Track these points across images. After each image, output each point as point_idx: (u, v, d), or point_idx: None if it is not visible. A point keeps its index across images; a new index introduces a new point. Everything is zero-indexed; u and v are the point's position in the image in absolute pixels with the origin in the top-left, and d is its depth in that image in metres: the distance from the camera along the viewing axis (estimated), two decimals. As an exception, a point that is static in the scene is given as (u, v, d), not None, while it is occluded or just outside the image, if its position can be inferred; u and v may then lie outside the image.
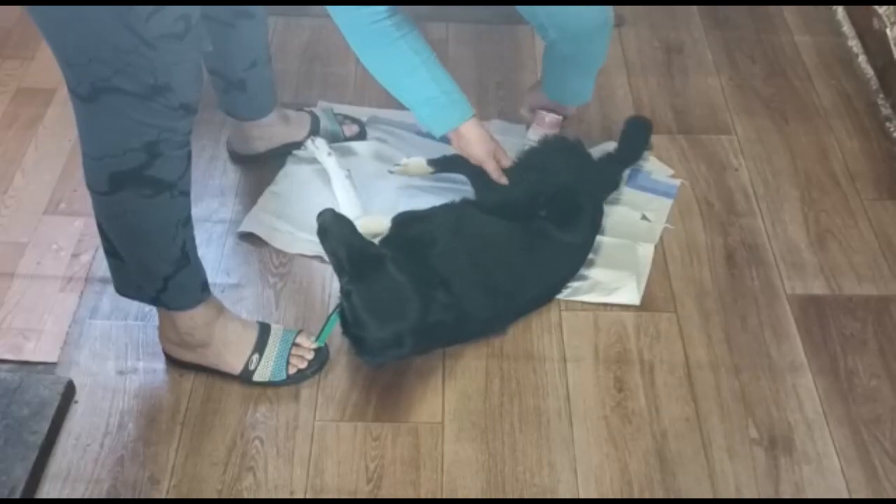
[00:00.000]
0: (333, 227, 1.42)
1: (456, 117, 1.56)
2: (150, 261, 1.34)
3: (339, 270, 1.41)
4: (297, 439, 1.40)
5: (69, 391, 1.43)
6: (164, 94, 1.18)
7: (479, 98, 1.92)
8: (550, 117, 1.72)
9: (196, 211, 1.37)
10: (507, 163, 1.61)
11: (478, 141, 1.57)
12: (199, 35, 1.19)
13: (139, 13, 1.09)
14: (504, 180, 1.59)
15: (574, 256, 1.60)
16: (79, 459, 1.37)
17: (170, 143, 1.23)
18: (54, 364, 1.48)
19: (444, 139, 1.61)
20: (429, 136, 1.77)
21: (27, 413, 1.37)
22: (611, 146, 1.85)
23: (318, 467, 1.37)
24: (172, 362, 1.47)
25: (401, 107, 1.90)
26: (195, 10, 1.16)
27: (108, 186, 1.25)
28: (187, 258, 1.35)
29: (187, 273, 1.36)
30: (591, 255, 1.64)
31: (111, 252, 1.35)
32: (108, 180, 1.25)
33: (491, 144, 1.59)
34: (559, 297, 1.59)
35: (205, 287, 1.40)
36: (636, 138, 1.83)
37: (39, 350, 1.50)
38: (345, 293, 1.38)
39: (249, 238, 1.67)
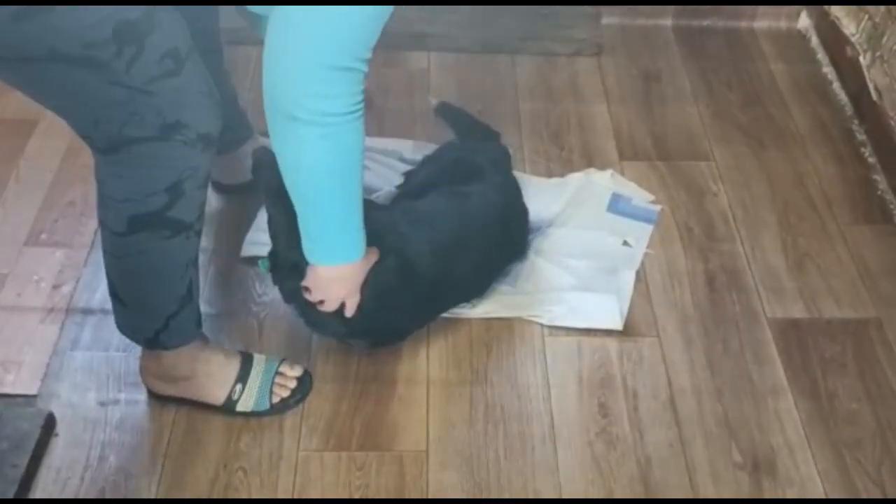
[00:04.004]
0: None
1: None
2: (155, 300, 1.34)
3: None
4: (280, 470, 1.39)
5: (49, 424, 1.41)
6: (179, 131, 1.16)
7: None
8: None
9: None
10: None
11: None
12: (198, 64, 1.16)
13: (116, 68, 1.07)
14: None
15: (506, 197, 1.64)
16: (59, 494, 1.35)
17: (192, 181, 1.22)
18: (35, 396, 1.46)
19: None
20: (414, 162, 1.79)
21: (7, 447, 1.35)
22: (592, 172, 1.87)
23: (303, 498, 1.36)
24: (154, 396, 1.46)
25: (386, 133, 1.93)
26: (183, 43, 1.13)
27: (126, 227, 1.24)
28: (191, 295, 1.35)
29: (188, 310, 1.36)
30: (573, 281, 1.65)
31: (113, 293, 1.35)
32: (127, 222, 1.23)
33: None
34: (543, 323, 1.60)
35: (199, 322, 1.40)
36: (455, 117, 1.87)
37: (19, 382, 1.48)
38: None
39: (249, 262, 1.67)
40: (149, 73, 1.10)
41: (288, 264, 1.37)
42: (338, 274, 1.34)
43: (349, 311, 1.38)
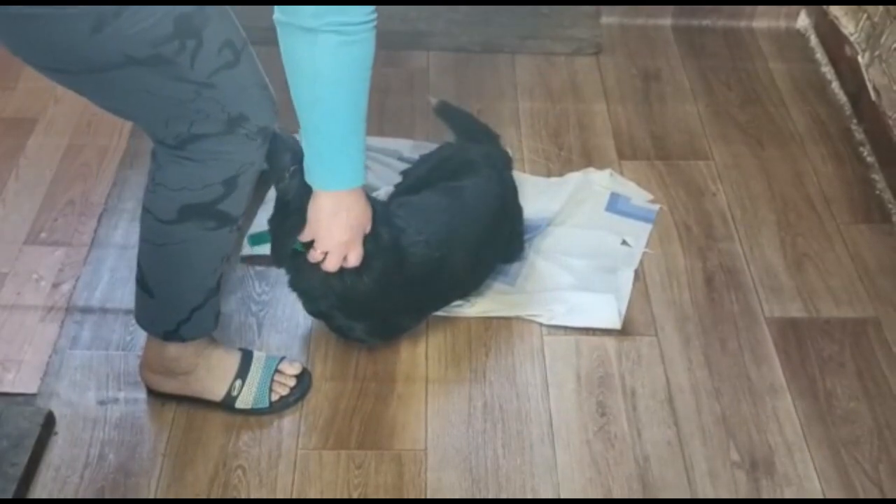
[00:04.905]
0: None
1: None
2: (185, 292, 1.35)
3: None
4: (279, 468, 1.39)
5: (49, 422, 1.41)
6: (242, 124, 1.20)
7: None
8: None
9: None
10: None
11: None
12: (253, 58, 1.20)
13: (181, 64, 1.11)
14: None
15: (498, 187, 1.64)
16: (58, 492, 1.35)
17: (246, 176, 1.25)
18: (34, 395, 1.46)
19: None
20: (413, 161, 1.79)
21: (6, 445, 1.36)
22: (591, 171, 1.87)
23: (302, 496, 1.36)
24: (153, 394, 1.46)
25: (385, 133, 1.93)
26: (237, 35, 1.17)
27: (175, 216, 1.26)
28: (218, 289, 1.37)
29: (212, 303, 1.37)
30: (572, 280, 1.66)
31: (141, 283, 1.36)
32: (177, 210, 1.25)
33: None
34: (541, 322, 1.60)
35: (218, 316, 1.41)
36: (454, 118, 1.87)
37: (19, 381, 1.48)
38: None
39: (249, 261, 1.67)
40: (210, 65, 1.14)
41: (294, 202, 1.33)
42: (339, 203, 1.31)
43: (353, 262, 1.37)
